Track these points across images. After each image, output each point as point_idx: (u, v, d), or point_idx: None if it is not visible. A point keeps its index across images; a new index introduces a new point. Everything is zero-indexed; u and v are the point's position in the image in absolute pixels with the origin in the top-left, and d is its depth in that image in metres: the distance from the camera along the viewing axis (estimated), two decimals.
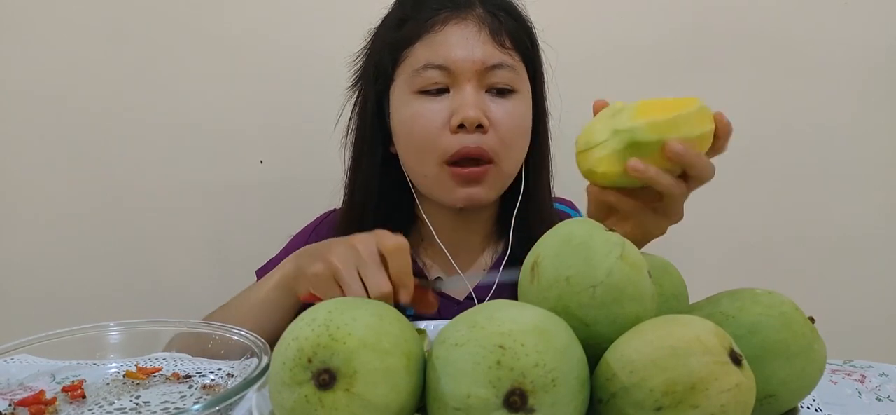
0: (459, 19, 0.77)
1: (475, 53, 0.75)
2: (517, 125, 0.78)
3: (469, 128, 0.74)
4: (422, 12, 0.78)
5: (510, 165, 0.78)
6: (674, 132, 0.52)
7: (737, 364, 0.35)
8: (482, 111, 0.75)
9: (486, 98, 0.76)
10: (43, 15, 1.15)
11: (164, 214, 1.17)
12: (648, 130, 0.52)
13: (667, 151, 0.52)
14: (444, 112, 0.75)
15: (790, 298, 0.43)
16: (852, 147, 1.18)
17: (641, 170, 0.53)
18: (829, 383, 0.56)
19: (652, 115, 0.52)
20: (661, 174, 0.54)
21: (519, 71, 0.78)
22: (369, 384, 0.35)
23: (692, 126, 0.53)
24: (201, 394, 0.54)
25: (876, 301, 1.21)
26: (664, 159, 0.53)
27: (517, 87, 0.78)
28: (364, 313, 0.37)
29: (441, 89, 0.76)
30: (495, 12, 0.78)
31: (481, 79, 0.76)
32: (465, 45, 0.76)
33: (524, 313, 0.37)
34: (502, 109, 0.77)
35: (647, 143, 0.52)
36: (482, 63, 0.75)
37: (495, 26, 0.77)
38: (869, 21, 1.16)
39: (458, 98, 0.75)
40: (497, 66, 0.76)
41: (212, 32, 1.15)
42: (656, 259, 0.49)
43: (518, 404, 0.34)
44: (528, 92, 0.80)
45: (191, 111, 1.16)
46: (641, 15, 1.16)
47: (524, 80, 0.79)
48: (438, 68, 0.76)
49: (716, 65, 1.17)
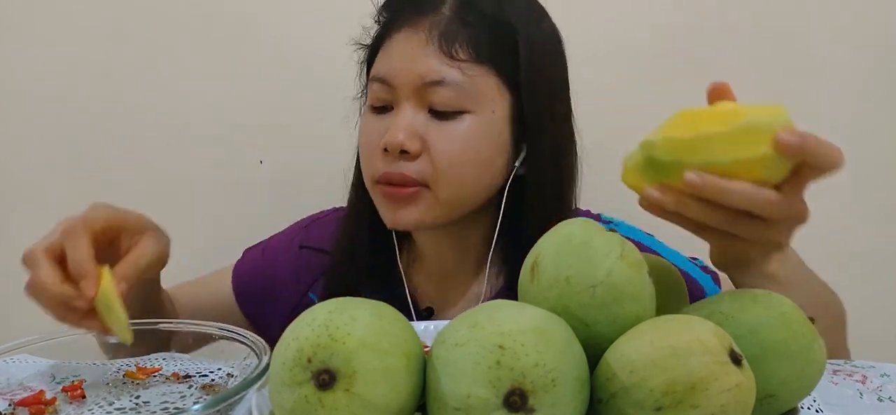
0: (412, 25, 0.68)
1: (414, 67, 0.66)
2: (460, 152, 0.67)
3: (392, 153, 0.66)
4: (386, 17, 0.72)
5: (452, 192, 0.68)
6: (695, 156, 0.41)
7: (737, 364, 0.35)
8: (415, 134, 0.66)
9: (426, 119, 0.67)
10: (43, 15, 1.15)
11: (163, 214, 1.16)
12: (664, 148, 0.43)
13: (684, 181, 0.41)
14: (382, 130, 0.68)
15: (790, 299, 0.43)
16: (852, 147, 1.17)
17: (656, 199, 0.43)
18: (829, 383, 0.55)
19: (676, 130, 0.43)
20: (689, 204, 0.43)
21: (475, 86, 0.66)
22: (369, 384, 0.35)
23: (725, 149, 0.41)
24: (201, 394, 0.54)
25: (876, 302, 1.21)
26: None
27: (469, 107, 0.67)
28: (364, 312, 0.37)
29: (385, 106, 0.69)
30: (462, 16, 0.67)
31: (421, 96, 0.67)
32: (406, 58, 0.67)
33: (524, 312, 0.37)
34: (442, 133, 0.66)
35: (665, 163, 0.43)
36: (420, 79, 0.66)
37: (449, 33, 0.66)
38: (869, 20, 1.16)
39: (394, 118, 0.68)
40: (437, 82, 0.66)
41: (212, 32, 1.15)
42: (656, 259, 0.49)
43: (518, 403, 0.34)
44: (496, 109, 0.68)
45: (191, 111, 1.16)
46: (639, 15, 1.16)
47: (486, 95, 0.67)
48: (380, 82, 0.68)
49: (715, 65, 1.17)
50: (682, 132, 0.42)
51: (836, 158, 0.42)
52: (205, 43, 1.15)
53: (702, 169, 0.41)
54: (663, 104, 1.16)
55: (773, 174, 0.42)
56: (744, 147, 0.41)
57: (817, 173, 0.43)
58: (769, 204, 0.42)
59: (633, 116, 1.15)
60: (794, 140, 0.40)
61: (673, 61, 1.17)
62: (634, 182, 0.46)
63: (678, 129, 0.42)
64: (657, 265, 0.49)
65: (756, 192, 0.41)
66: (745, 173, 0.41)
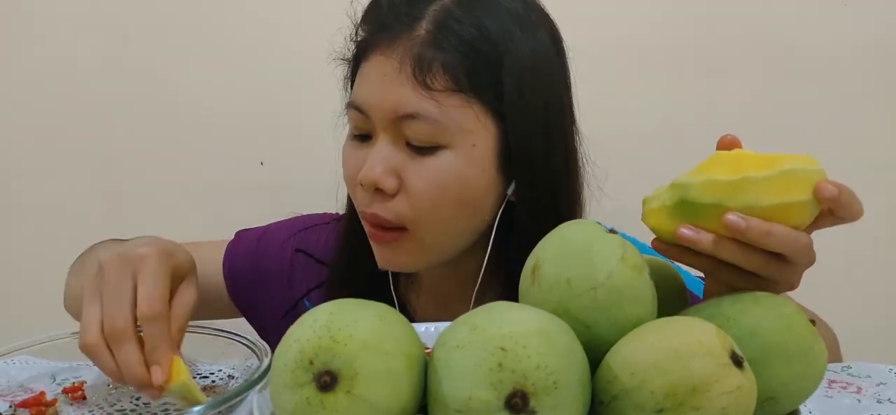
0: (384, 49, 0.62)
1: (388, 98, 0.61)
2: (437, 191, 0.61)
3: (366, 190, 0.62)
4: (362, 32, 0.66)
5: (435, 237, 0.64)
6: (736, 199, 0.41)
7: (738, 366, 0.35)
8: (391, 171, 0.61)
9: (403, 154, 0.62)
10: (43, 14, 1.15)
11: (164, 215, 1.18)
12: (704, 190, 0.42)
13: (723, 222, 0.41)
14: (361, 162, 0.63)
15: (791, 301, 0.43)
16: (852, 149, 1.18)
17: (691, 239, 0.43)
18: (824, 396, 0.55)
19: (718, 171, 0.42)
20: (725, 245, 0.42)
21: (451, 119, 0.60)
22: (370, 386, 0.35)
23: (767, 192, 0.41)
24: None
25: (876, 303, 1.21)
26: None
27: (445, 142, 0.61)
28: (365, 314, 0.38)
29: (364, 135, 0.64)
30: (440, 35, 0.61)
31: (397, 129, 0.61)
32: (380, 87, 0.61)
33: (525, 314, 0.37)
34: (419, 169, 0.61)
35: (702, 205, 0.42)
36: (393, 111, 0.60)
37: (424, 59, 0.60)
38: (869, 23, 1.16)
39: (371, 151, 0.63)
40: (410, 116, 0.60)
41: (212, 33, 1.15)
42: (656, 261, 0.49)
43: (519, 406, 0.34)
44: (477, 142, 0.62)
45: (191, 112, 1.16)
46: (641, 19, 1.16)
47: (464, 128, 0.61)
48: (357, 110, 0.63)
49: (715, 68, 1.17)
50: (724, 174, 0.42)
51: (858, 211, 0.44)
52: (205, 44, 1.15)
53: (742, 212, 0.41)
54: (664, 105, 1.16)
55: (805, 219, 0.43)
56: (786, 192, 0.42)
57: (837, 222, 0.44)
58: (804, 248, 0.43)
59: (632, 117, 1.16)
60: (834, 191, 0.42)
61: (673, 66, 1.17)
62: (659, 223, 0.45)
63: (719, 170, 0.42)
64: (658, 267, 0.49)
65: (796, 236, 0.42)
66: (782, 217, 0.42)
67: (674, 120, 1.15)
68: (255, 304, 0.81)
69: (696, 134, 1.12)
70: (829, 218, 0.44)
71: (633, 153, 1.06)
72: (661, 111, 1.16)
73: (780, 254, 0.43)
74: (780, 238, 0.42)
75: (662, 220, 0.45)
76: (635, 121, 1.14)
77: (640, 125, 1.15)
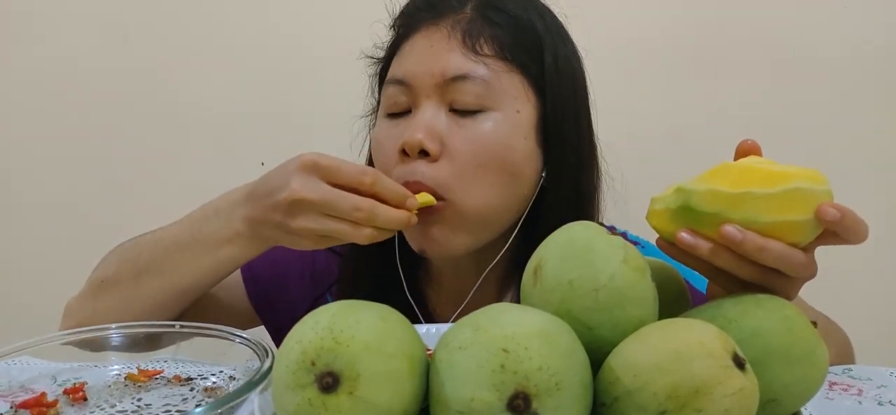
0: (432, 25, 0.65)
1: (435, 64, 0.63)
2: (481, 152, 0.62)
3: (411, 154, 0.62)
4: (403, 22, 0.69)
5: (473, 202, 0.63)
6: (736, 211, 0.42)
7: (740, 368, 0.35)
8: (434, 135, 0.62)
9: (447, 118, 0.63)
10: (43, 14, 1.15)
11: (166, 215, 1.17)
12: (706, 199, 0.43)
13: (720, 233, 0.42)
14: (401, 136, 0.63)
15: (792, 302, 0.43)
16: (853, 150, 1.18)
17: (689, 244, 0.43)
18: (824, 399, 0.55)
19: (721, 182, 0.43)
20: (721, 253, 0.43)
21: (499, 82, 0.63)
22: (373, 387, 0.35)
23: (769, 209, 0.42)
24: (203, 397, 0.54)
25: (877, 306, 1.21)
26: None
27: (492, 104, 0.63)
28: (368, 315, 0.38)
29: (403, 111, 0.65)
30: (485, 14, 0.65)
31: (442, 94, 0.63)
32: (426, 55, 0.64)
33: (528, 316, 0.37)
34: (464, 132, 0.63)
35: (703, 213, 0.43)
36: (441, 75, 0.62)
37: (473, 29, 0.64)
38: (868, 23, 1.17)
39: (412, 118, 0.64)
40: (460, 77, 0.62)
41: (213, 33, 1.15)
42: (658, 263, 0.49)
43: (522, 407, 0.33)
44: (521, 108, 0.64)
45: (192, 112, 1.16)
46: (641, 19, 1.16)
47: (510, 93, 0.64)
48: (398, 84, 0.65)
49: (716, 69, 1.17)
50: (727, 186, 0.42)
51: (863, 234, 0.44)
52: (206, 44, 1.15)
53: (741, 225, 0.42)
54: (664, 106, 1.16)
55: (805, 237, 0.44)
56: (787, 211, 0.42)
57: (841, 242, 0.44)
58: (798, 265, 0.43)
59: (640, 119, 1.16)
60: (836, 215, 0.42)
61: (673, 66, 1.17)
62: (661, 225, 0.46)
63: (723, 182, 0.43)
64: (660, 269, 0.49)
65: (790, 253, 0.43)
66: (781, 234, 0.42)
67: (681, 122, 1.15)
68: (275, 302, 0.80)
69: (704, 135, 1.13)
70: (832, 237, 0.44)
71: (640, 155, 1.06)
72: (669, 113, 1.16)
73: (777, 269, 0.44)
74: (775, 254, 0.42)
75: (665, 222, 0.45)
76: (642, 123, 1.14)
77: (647, 127, 1.15)
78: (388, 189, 0.57)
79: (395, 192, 0.57)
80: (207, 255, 0.63)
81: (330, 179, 0.56)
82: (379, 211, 0.56)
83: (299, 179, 0.56)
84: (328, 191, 0.55)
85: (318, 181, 0.56)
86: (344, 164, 0.56)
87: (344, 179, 0.56)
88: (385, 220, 0.56)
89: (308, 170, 0.56)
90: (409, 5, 0.70)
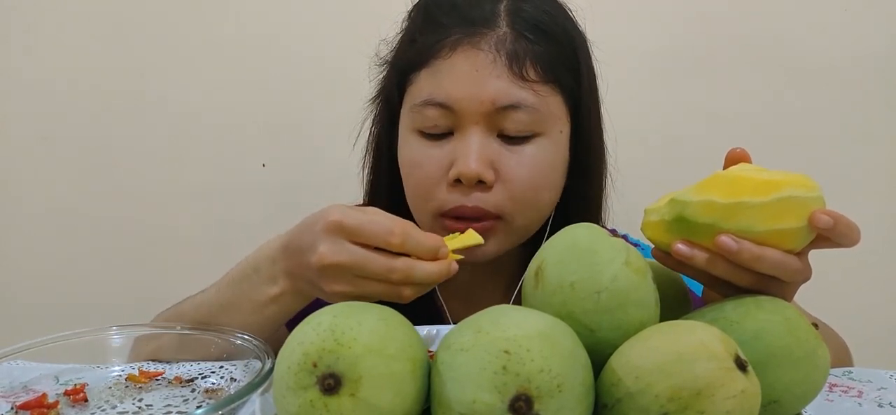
0: (472, 44, 0.63)
1: (484, 91, 0.62)
2: (536, 177, 0.64)
3: (467, 184, 0.63)
4: (430, 32, 0.66)
5: (526, 220, 0.66)
6: (730, 221, 0.42)
7: (742, 370, 0.35)
8: (488, 163, 0.62)
9: (497, 145, 0.64)
10: (45, 15, 1.15)
11: (166, 216, 1.18)
12: (701, 210, 0.43)
13: (716, 244, 0.43)
14: (445, 160, 0.63)
15: (793, 304, 0.43)
16: (853, 152, 1.18)
17: (686, 255, 0.44)
18: (824, 401, 0.55)
19: (715, 193, 0.43)
20: (717, 263, 0.43)
21: (547, 107, 0.64)
22: (374, 389, 0.35)
23: (761, 218, 0.42)
24: (204, 398, 0.54)
25: (878, 307, 1.21)
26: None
27: (541, 130, 0.64)
28: (369, 317, 0.38)
29: (443, 133, 0.65)
30: (523, 32, 0.64)
31: (491, 121, 0.63)
32: (472, 80, 0.62)
33: (529, 318, 0.37)
34: (516, 159, 0.64)
35: (698, 224, 0.43)
36: (492, 103, 0.62)
37: (517, 53, 0.63)
38: (869, 25, 1.17)
39: (461, 145, 0.63)
40: (511, 107, 0.62)
41: (215, 35, 1.16)
42: (660, 266, 0.49)
43: (523, 409, 0.33)
44: (563, 128, 0.66)
45: (193, 114, 1.17)
46: (640, 21, 1.16)
47: (555, 115, 0.65)
48: (439, 107, 0.63)
49: (716, 70, 1.17)
50: (720, 197, 0.43)
51: (855, 238, 0.44)
52: (207, 46, 1.15)
53: (736, 234, 0.43)
54: (665, 110, 1.17)
55: (798, 244, 0.44)
56: (781, 219, 0.42)
57: (834, 246, 0.45)
58: (794, 271, 0.44)
59: (632, 122, 1.16)
60: (829, 222, 0.42)
61: (673, 66, 1.17)
62: (657, 236, 0.47)
63: (716, 192, 0.43)
64: (661, 271, 0.49)
65: (785, 260, 0.43)
66: (775, 242, 0.43)
67: (681, 126, 1.16)
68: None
69: (703, 140, 1.13)
70: (825, 242, 0.45)
71: (640, 159, 1.06)
72: (668, 117, 1.16)
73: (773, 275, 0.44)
74: (771, 262, 0.43)
75: (660, 233, 0.46)
76: (643, 127, 1.14)
77: (647, 131, 1.15)
78: (420, 246, 0.52)
79: (426, 247, 0.52)
80: (254, 314, 0.60)
81: (356, 240, 0.52)
82: (415, 271, 0.51)
83: (326, 242, 0.52)
84: (357, 254, 0.52)
85: (345, 243, 0.52)
86: (368, 222, 0.52)
87: (371, 240, 0.52)
88: (423, 276, 0.52)
89: (334, 231, 0.52)
90: (432, 7, 0.68)
